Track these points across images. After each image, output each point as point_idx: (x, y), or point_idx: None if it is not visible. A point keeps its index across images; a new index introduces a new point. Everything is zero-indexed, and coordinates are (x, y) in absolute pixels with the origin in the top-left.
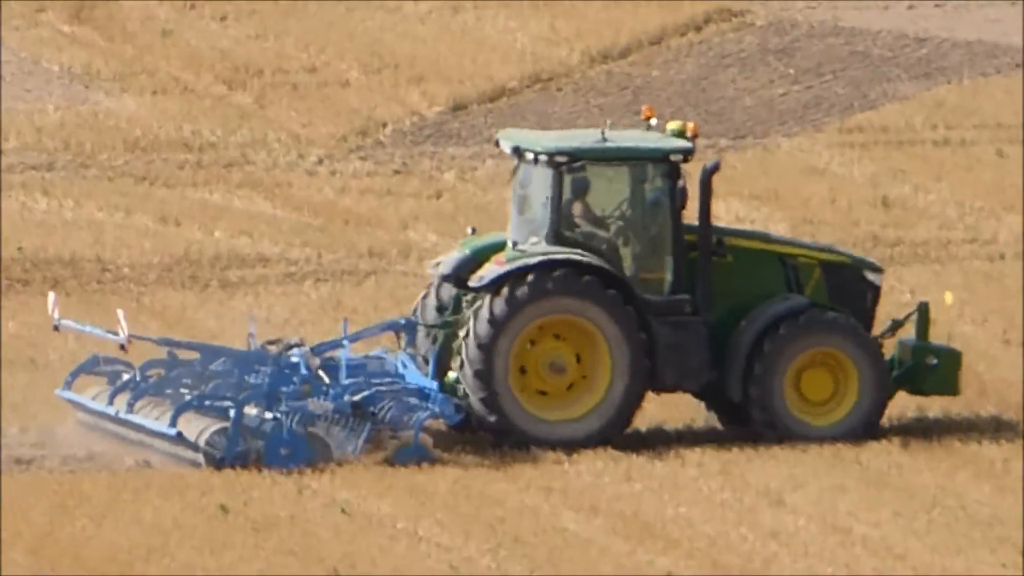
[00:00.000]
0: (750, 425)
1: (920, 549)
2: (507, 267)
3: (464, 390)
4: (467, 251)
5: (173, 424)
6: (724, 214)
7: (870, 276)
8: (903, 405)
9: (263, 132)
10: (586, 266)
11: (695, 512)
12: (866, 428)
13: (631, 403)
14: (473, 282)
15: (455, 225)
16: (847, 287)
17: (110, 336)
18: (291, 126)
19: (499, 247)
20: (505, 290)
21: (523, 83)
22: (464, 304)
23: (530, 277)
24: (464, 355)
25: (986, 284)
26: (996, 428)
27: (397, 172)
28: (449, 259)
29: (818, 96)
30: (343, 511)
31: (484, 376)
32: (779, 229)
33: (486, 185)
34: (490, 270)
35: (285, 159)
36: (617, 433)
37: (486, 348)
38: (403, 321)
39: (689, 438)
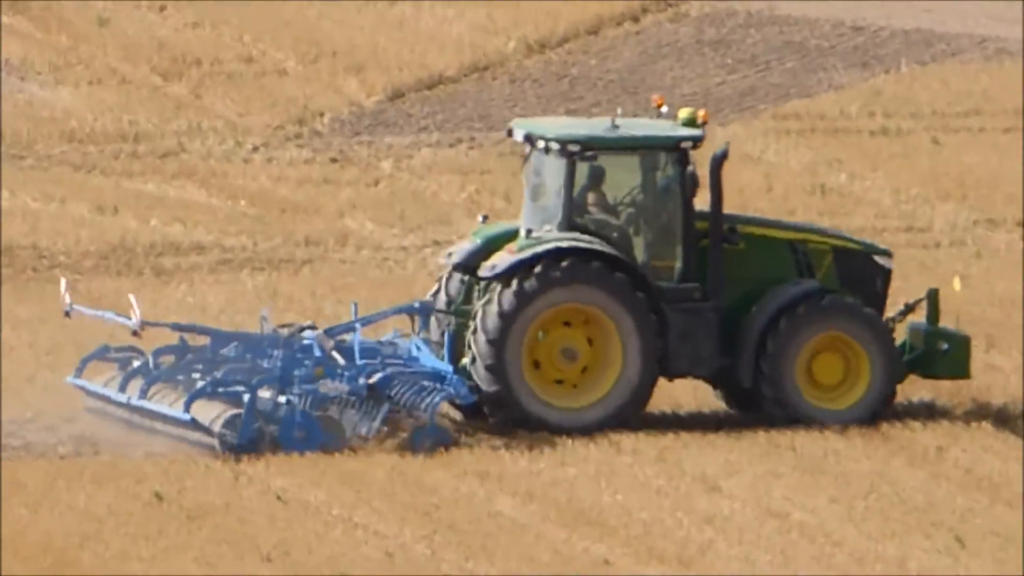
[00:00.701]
0: (760, 409)
1: (856, 535)
2: (517, 256)
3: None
4: (478, 240)
5: (187, 410)
6: None
7: (881, 261)
8: None
9: (199, 121)
10: (594, 253)
11: (631, 498)
12: (876, 412)
13: (643, 390)
14: (484, 271)
15: (392, 213)
16: (858, 272)
17: (123, 320)
18: (227, 115)
19: (510, 236)
20: (513, 282)
21: (460, 72)
22: (476, 292)
23: (538, 268)
24: (475, 349)
25: (920, 272)
26: (931, 415)
27: (334, 160)
28: (460, 249)
29: (754, 85)
30: (279, 498)
31: (496, 370)
32: None
33: (423, 173)
34: (501, 259)
35: (221, 148)
36: (630, 419)
37: (496, 343)
38: (417, 305)
39: (625, 424)
